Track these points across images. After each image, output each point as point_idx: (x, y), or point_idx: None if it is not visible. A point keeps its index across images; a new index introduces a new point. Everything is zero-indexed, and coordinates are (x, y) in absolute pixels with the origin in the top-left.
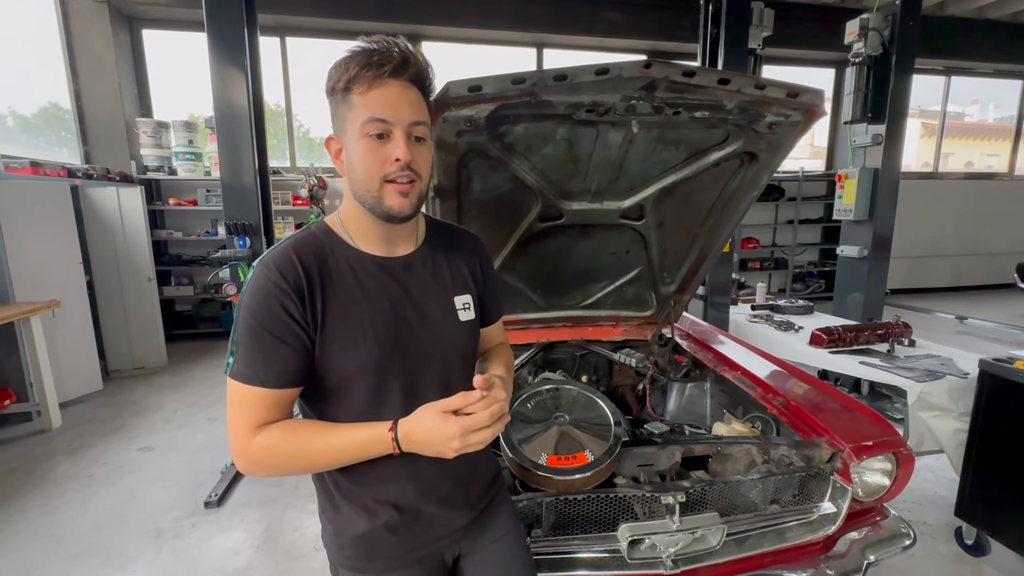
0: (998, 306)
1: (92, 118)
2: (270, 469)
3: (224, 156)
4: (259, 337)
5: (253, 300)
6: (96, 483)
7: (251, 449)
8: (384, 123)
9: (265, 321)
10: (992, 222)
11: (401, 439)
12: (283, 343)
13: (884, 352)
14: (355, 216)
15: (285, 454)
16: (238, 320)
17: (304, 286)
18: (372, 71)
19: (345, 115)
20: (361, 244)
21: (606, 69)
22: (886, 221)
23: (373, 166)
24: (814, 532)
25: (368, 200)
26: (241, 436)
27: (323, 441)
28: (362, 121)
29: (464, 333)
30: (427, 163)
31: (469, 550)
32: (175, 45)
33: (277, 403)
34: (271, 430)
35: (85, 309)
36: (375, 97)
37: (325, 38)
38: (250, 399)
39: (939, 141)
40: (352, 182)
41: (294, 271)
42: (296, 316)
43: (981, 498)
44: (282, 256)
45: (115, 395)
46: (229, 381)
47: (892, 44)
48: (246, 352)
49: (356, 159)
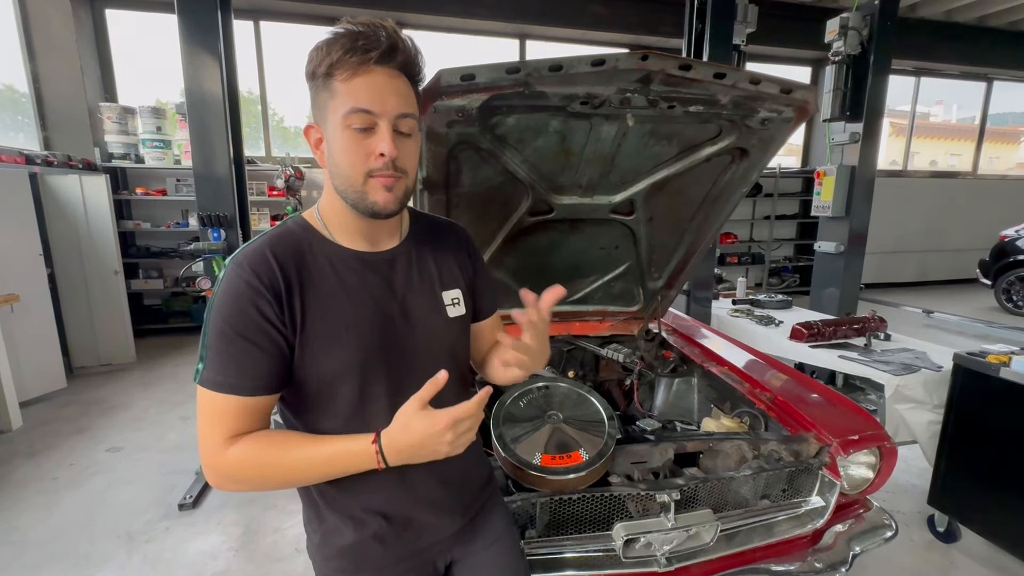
0: (962, 300)
1: (52, 102)
2: (244, 484)
3: (196, 144)
4: (231, 342)
5: (224, 302)
6: (61, 486)
7: (223, 463)
8: (368, 115)
9: (238, 325)
10: (956, 219)
11: (386, 450)
12: (257, 348)
13: (861, 346)
14: (336, 210)
15: (259, 468)
16: (208, 323)
17: (281, 286)
18: (356, 56)
19: (326, 103)
20: (341, 239)
21: (602, 60)
22: (862, 217)
23: (356, 160)
24: (802, 526)
25: (351, 195)
26: (212, 448)
27: (300, 455)
28: (344, 111)
29: (453, 330)
30: (414, 158)
31: (461, 556)
32: (141, 26)
33: (252, 412)
34: (245, 443)
35: (46, 303)
36: (359, 85)
37: (301, 23)
38: (222, 408)
39: (908, 140)
40: (333, 175)
41: (269, 270)
42: (272, 319)
43: (953, 487)
44: (256, 254)
45: (80, 393)
46: (199, 389)
47: (871, 43)
48: (217, 357)
49: (338, 151)
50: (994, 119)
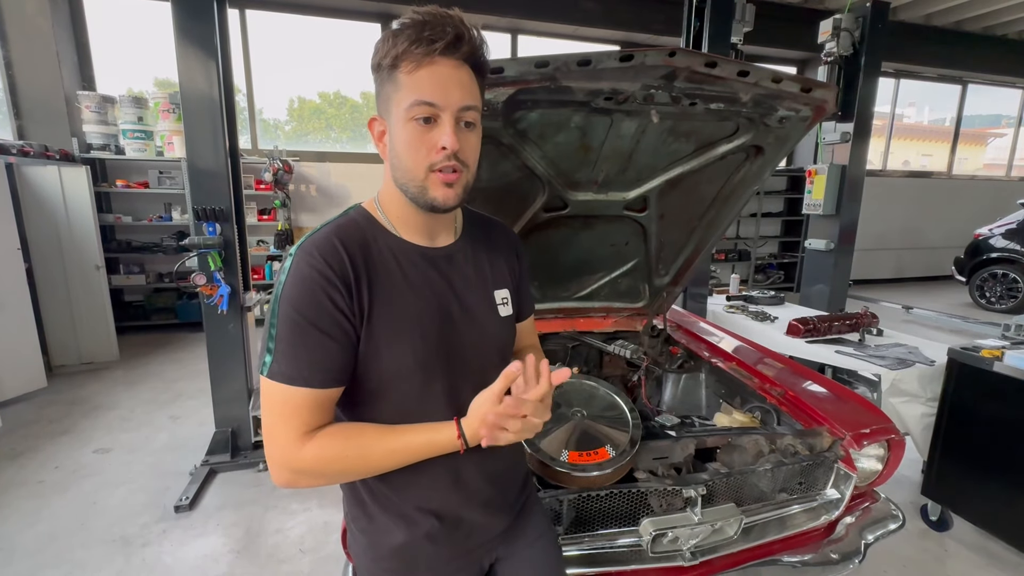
0: (938, 296)
1: (26, 89)
2: (320, 479)
3: (191, 137)
4: (304, 332)
5: (296, 291)
6: (48, 489)
7: (301, 458)
8: (432, 107)
9: (310, 314)
10: (931, 218)
11: (470, 441)
12: (330, 338)
13: (856, 341)
14: (396, 203)
15: (341, 462)
16: (277, 313)
17: (351, 276)
18: (422, 47)
19: (390, 95)
20: (403, 232)
21: (630, 56)
22: (852, 215)
23: (419, 154)
24: (817, 518)
25: (411, 189)
26: (289, 445)
27: (386, 447)
28: (408, 104)
29: (504, 329)
30: (475, 151)
31: (506, 554)
32: (120, 13)
33: (323, 405)
34: (325, 437)
35: (25, 299)
36: (423, 77)
37: (289, 12)
38: (296, 402)
39: (888, 141)
40: (394, 168)
41: (339, 259)
42: (343, 308)
43: (946, 477)
44: (325, 242)
45: (62, 392)
46: (266, 383)
47: (862, 44)
48: (289, 349)
49: (400, 145)
50: (964, 121)
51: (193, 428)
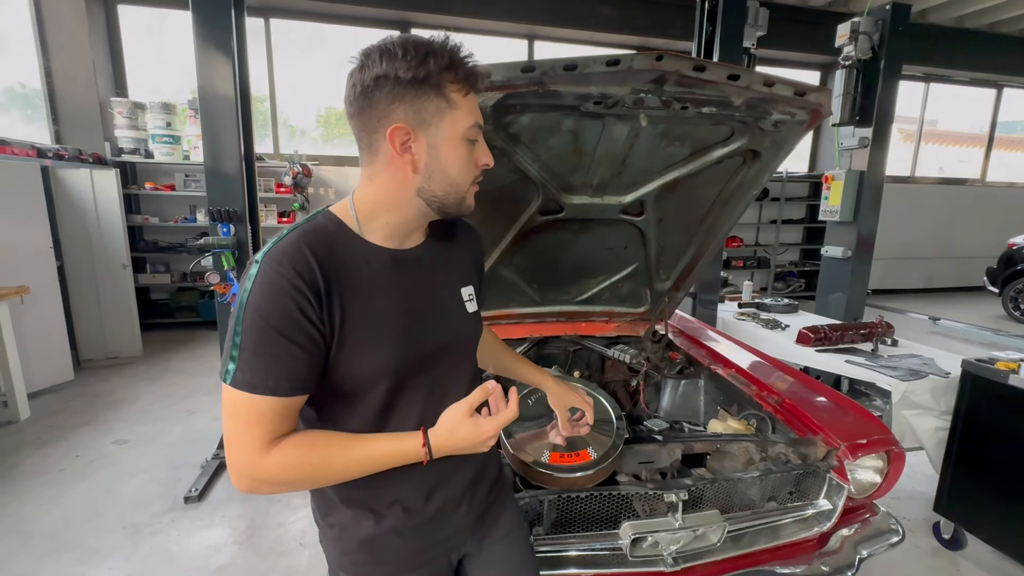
0: (969, 308)
1: (64, 97)
2: (282, 487)
3: (208, 140)
4: (271, 341)
5: (263, 300)
6: (68, 477)
7: (264, 467)
8: (482, 129)
9: (278, 324)
10: (964, 226)
11: (435, 452)
12: (299, 347)
13: (868, 351)
14: (382, 210)
15: (304, 470)
16: (242, 321)
17: (320, 284)
18: (472, 77)
19: (438, 110)
20: (372, 237)
21: (617, 60)
22: (870, 223)
23: (469, 170)
24: (809, 529)
25: (451, 198)
26: (251, 453)
27: (348, 456)
28: (468, 125)
29: (472, 324)
30: None
31: (474, 550)
32: (152, 23)
33: (288, 412)
34: (288, 446)
35: (56, 295)
36: (474, 101)
37: (311, 20)
38: (260, 410)
39: (917, 146)
40: (431, 181)
41: (309, 267)
42: (312, 318)
43: (959, 494)
44: (294, 250)
45: (87, 385)
46: (229, 391)
47: (881, 48)
48: (254, 358)
49: (451, 162)
50: (1003, 127)
51: (207, 422)
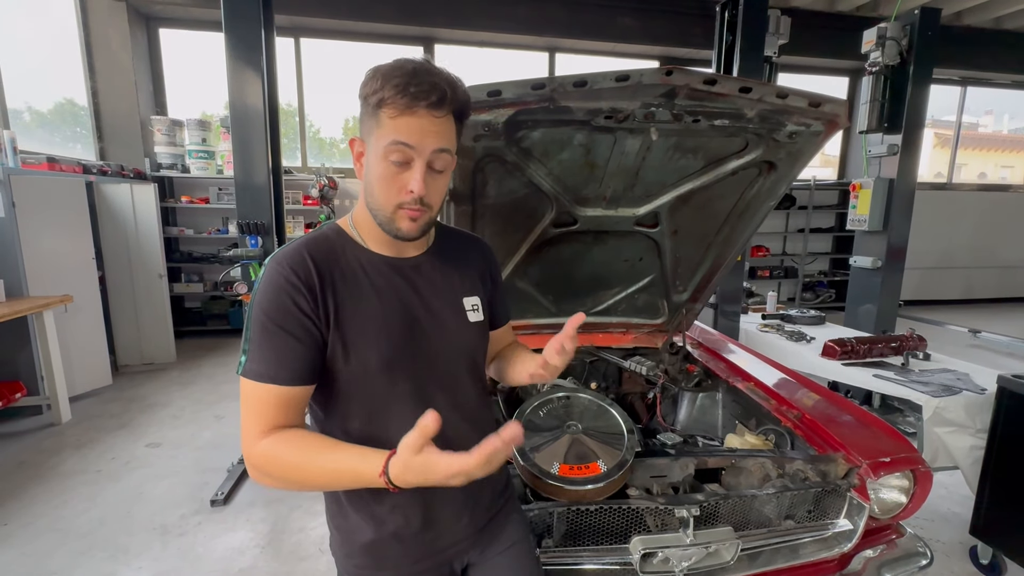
0: (1011, 319)
1: (108, 115)
2: (272, 480)
3: (238, 155)
4: (271, 334)
5: (265, 297)
6: (103, 478)
7: (255, 453)
8: (407, 149)
9: (277, 317)
10: (1006, 234)
11: (396, 481)
12: (295, 339)
13: (898, 365)
14: (368, 220)
15: (281, 468)
16: (251, 318)
17: (316, 282)
18: (405, 99)
19: (372, 128)
20: (371, 245)
21: (626, 76)
22: (901, 232)
23: (390, 192)
24: (829, 549)
25: (380, 217)
26: (248, 438)
27: (319, 464)
28: (386, 143)
29: (473, 334)
30: (441, 194)
31: (478, 560)
32: (191, 44)
33: (290, 402)
34: (276, 438)
35: (97, 304)
36: (402, 125)
37: (339, 39)
38: (263, 398)
39: (953, 152)
40: (367, 195)
41: (305, 267)
42: (307, 311)
43: (998, 517)
44: (294, 253)
45: (124, 390)
46: (242, 380)
47: (910, 53)
48: (259, 350)
49: (374, 179)
50: None
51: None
